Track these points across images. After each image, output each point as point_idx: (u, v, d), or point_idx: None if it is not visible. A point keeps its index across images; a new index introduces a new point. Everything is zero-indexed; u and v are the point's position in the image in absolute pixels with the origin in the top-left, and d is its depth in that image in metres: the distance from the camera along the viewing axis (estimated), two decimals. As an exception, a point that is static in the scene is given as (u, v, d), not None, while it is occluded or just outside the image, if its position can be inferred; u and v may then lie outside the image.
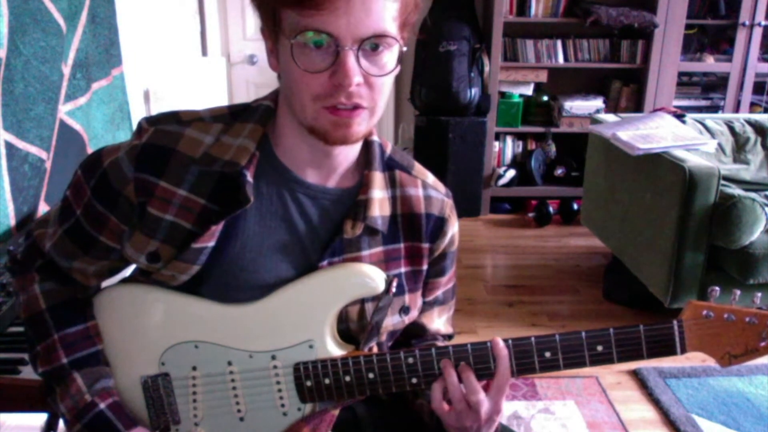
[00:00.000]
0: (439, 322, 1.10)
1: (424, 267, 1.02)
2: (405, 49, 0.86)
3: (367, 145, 0.97)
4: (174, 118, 0.93)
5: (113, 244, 0.96)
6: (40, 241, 1.00)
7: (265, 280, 0.94)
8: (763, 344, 0.88)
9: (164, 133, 0.91)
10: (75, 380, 0.94)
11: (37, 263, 1.00)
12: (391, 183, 0.99)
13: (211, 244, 0.91)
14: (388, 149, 1.01)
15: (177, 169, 0.90)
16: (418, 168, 1.03)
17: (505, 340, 0.91)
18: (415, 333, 1.08)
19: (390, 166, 0.99)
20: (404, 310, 1.00)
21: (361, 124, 0.85)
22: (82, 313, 0.99)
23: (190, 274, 0.92)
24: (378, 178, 0.96)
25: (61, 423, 1.37)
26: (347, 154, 0.94)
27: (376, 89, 0.84)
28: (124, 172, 0.90)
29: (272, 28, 0.85)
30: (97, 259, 0.98)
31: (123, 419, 0.94)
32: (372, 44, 0.81)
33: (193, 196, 0.90)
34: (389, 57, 0.84)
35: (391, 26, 0.82)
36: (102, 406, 0.93)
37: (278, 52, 0.86)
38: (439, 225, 1.01)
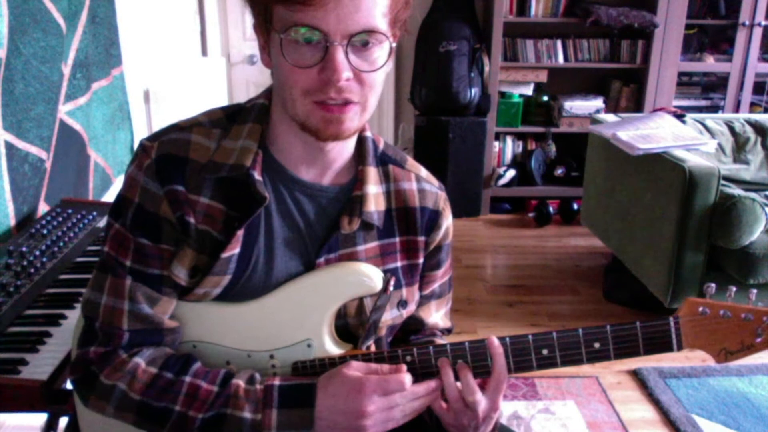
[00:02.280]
0: (436, 315, 1.11)
1: (420, 260, 1.02)
2: (394, 45, 0.86)
3: (361, 140, 0.98)
4: (173, 127, 0.93)
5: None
6: (110, 323, 0.90)
7: (277, 279, 0.94)
8: (758, 340, 0.88)
9: (171, 142, 0.91)
10: (238, 385, 0.87)
11: (122, 341, 0.91)
12: (385, 178, 0.99)
13: (237, 250, 0.91)
14: (381, 144, 1.01)
15: (194, 177, 0.90)
16: (411, 162, 1.04)
17: (502, 338, 0.91)
18: (413, 328, 1.09)
19: (383, 161, 1.00)
20: (402, 303, 1.01)
21: (352, 120, 0.86)
22: (183, 357, 0.93)
23: (222, 286, 0.92)
24: (372, 173, 0.97)
25: (61, 423, 1.38)
26: (341, 150, 0.95)
27: (367, 85, 0.84)
28: (154, 192, 0.89)
29: (264, 25, 0.86)
30: (171, 295, 0.93)
31: (299, 377, 0.90)
32: (362, 40, 0.82)
33: (214, 203, 0.90)
34: (379, 53, 0.84)
35: (380, 22, 0.82)
36: (276, 382, 0.87)
37: (270, 48, 0.87)
38: (433, 218, 1.02)
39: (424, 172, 1.04)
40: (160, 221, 0.89)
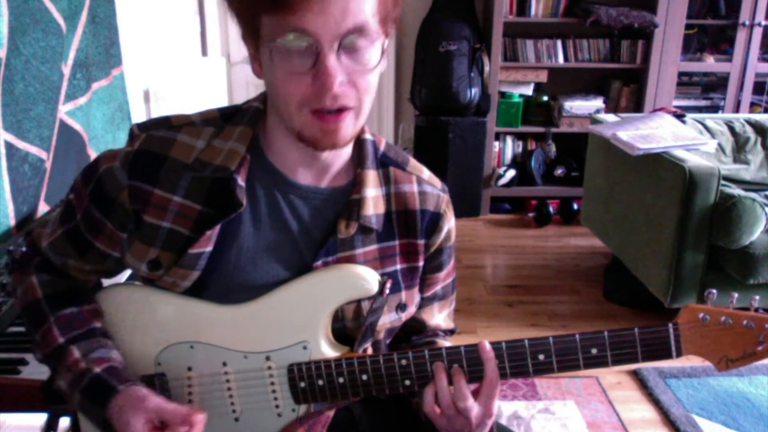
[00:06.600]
0: (439, 317, 1.10)
1: (420, 263, 1.01)
2: (387, 44, 0.85)
3: (360, 143, 0.97)
4: (165, 123, 0.93)
5: (108, 250, 0.97)
6: (38, 240, 1.01)
7: (261, 281, 0.94)
8: (760, 348, 0.86)
9: (156, 139, 0.91)
10: (72, 353, 0.93)
11: (35, 261, 1.02)
12: (385, 180, 0.98)
13: (209, 249, 0.91)
14: (382, 146, 1.00)
15: (170, 175, 0.90)
16: (413, 164, 1.03)
17: (498, 343, 0.91)
18: (415, 329, 1.08)
19: (384, 163, 0.99)
20: (401, 307, 1.00)
21: (348, 128, 0.85)
22: (78, 298, 1.00)
23: (192, 280, 0.92)
24: (371, 176, 0.96)
25: (61, 423, 1.38)
26: (337, 154, 0.94)
27: (362, 88, 0.83)
28: (118, 180, 0.91)
29: (252, 36, 0.84)
30: (91, 263, 0.99)
31: (119, 377, 0.91)
32: (352, 41, 0.80)
33: (188, 202, 0.90)
34: (372, 53, 0.82)
35: (370, 20, 0.80)
36: (97, 370, 0.90)
37: (261, 59, 0.86)
38: (434, 221, 1.01)
39: (426, 174, 1.03)
40: (114, 204, 0.92)
